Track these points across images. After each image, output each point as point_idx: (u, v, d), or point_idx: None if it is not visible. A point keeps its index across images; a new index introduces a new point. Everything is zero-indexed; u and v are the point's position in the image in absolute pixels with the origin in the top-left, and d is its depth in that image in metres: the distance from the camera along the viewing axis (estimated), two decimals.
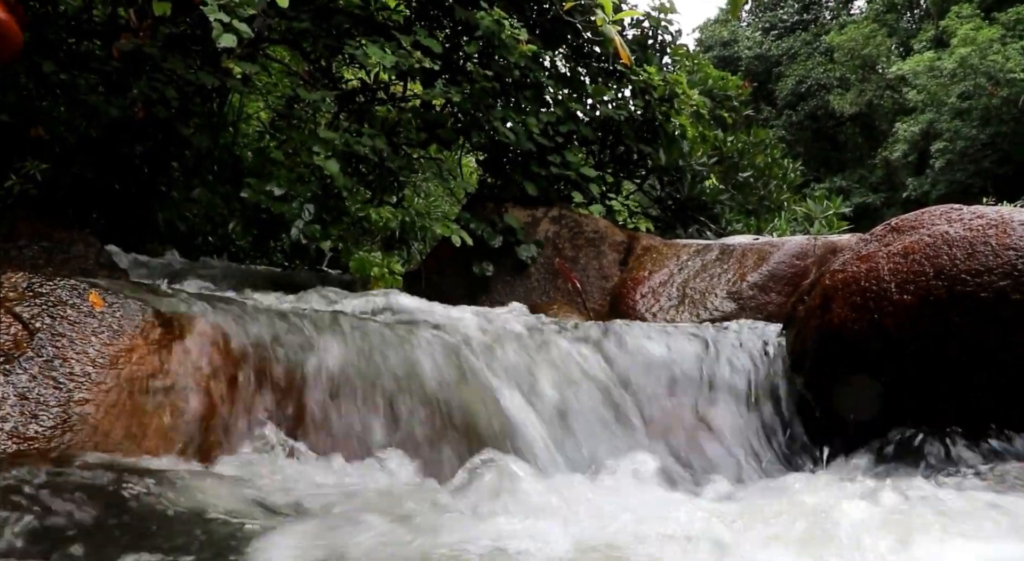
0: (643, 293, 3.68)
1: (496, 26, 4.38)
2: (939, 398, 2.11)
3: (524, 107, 4.82)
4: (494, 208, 4.49)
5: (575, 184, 5.05)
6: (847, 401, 2.27)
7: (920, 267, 2.12)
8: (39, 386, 1.50)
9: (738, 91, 6.45)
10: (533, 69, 4.81)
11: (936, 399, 2.12)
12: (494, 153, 5.03)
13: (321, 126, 5.46)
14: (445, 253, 4.45)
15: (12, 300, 1.62)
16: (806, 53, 29.27)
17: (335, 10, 5.01)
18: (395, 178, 5.18)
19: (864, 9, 31.12)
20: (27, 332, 1.57)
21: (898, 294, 2.13)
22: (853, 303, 2.23)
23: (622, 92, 5.58)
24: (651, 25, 5.76)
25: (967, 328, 2.02)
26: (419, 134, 5.07)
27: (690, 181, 5.75)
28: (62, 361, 1.56)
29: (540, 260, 4.31)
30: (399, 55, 4.12)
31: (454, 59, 5.07)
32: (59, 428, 1.47)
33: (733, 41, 30.17)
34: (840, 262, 2.42)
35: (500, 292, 4.24)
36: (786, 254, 3.56)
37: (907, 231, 2.30)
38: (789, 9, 31.11)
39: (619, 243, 4.33)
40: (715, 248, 3.83)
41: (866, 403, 2.22)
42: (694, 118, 5.67)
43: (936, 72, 22.76)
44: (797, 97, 28.69)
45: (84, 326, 1.63)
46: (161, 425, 1.54)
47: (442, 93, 4.43)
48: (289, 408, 1.68)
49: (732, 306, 3.43)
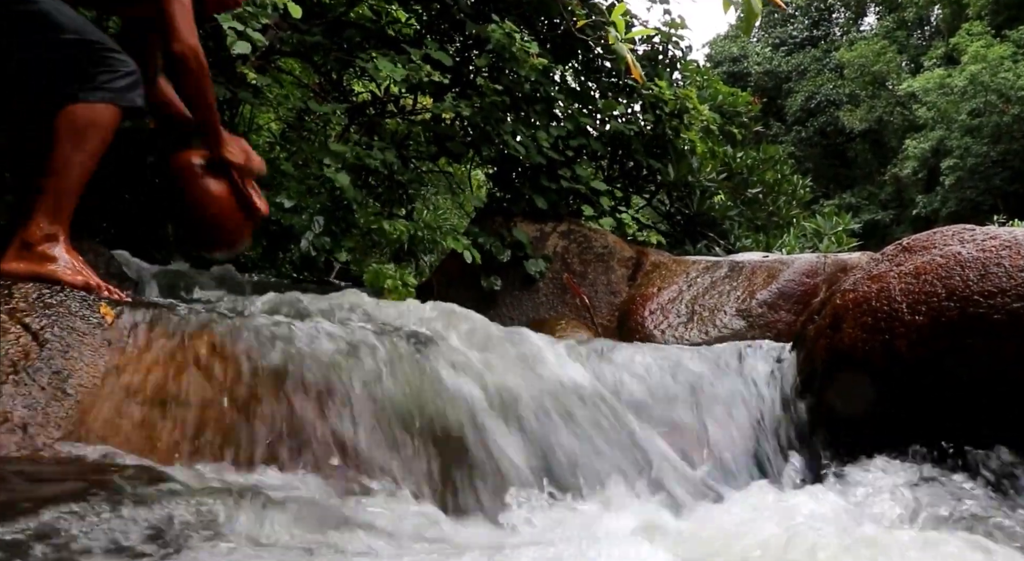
0: (652, 310, 3.67)
1: (507, 40, 4.39)
2: (950, 419, 2.09)
3: (534, 121, 4.83)
4: (503, 222, 4.49)
5: (585, 198, 5.05)
6: (857, 421, 2.25)
7: (932, 288, 2.10)
8: (47, 397, 1.50)
9: (748, 107, 6.45)
10: (543, 83, 4.82)
11: (947, 420, 2.10)
12: (504, 166, 5.04)
13: (331, 138, 5.48)
14: (454, 266, 4.45)
15: (23, 311, 1.62)
16: (816, 69, 29.30)
17: (347, 23, 5.04)
18: (405, 191, 5.19)
19: (874, 26, 31.18)
20: (37, 343, 1.57)
21: (909, 315, 2.12)
22: (864, 323, 2.22)
23: (632, 107, 5.59)
24: (662, 41, 5.78)
25: (980, 350, 2.01)
26: (429, 147, 5.08)
27: (699, 197, 5.74)
28: (71, 372, 1.56)
29: (548, 275, 4.31)
30: (409, 68, 4.14)
31: (464, 73, 5.09)
32: (66, 439, 1.47)
33: (743, 57, 30.23)
34: (851, 282, 2.41)
35: (508, 306, 4.23)
36: (796, 272, 3.55)
37: (919, 251, 2.29)
38: (799, 25, 31.19)
39: (628, 259, 4.33)
40: (724, 265, 3.82)
41: (877, 423, 2.21)
42: (704, 134, 5.67)
43: (946, 89, 22.73)
44: (807, 113, 28.70)
45: (93, 338, 1.64)
46: (169, 438, 1.54)
47: (452, 106, 4.45)
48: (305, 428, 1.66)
49: (741, 324, 3.42)
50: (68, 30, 1.93)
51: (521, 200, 4.70)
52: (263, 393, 1.66)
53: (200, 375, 1.64)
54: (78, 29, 1.96)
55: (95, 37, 1.99)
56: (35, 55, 1.92)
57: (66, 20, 1.95)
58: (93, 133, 1.92)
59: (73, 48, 1.93)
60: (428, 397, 1.80)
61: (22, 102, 2.01)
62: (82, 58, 1.93)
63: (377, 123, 5.06)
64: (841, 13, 32.60)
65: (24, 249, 1.81)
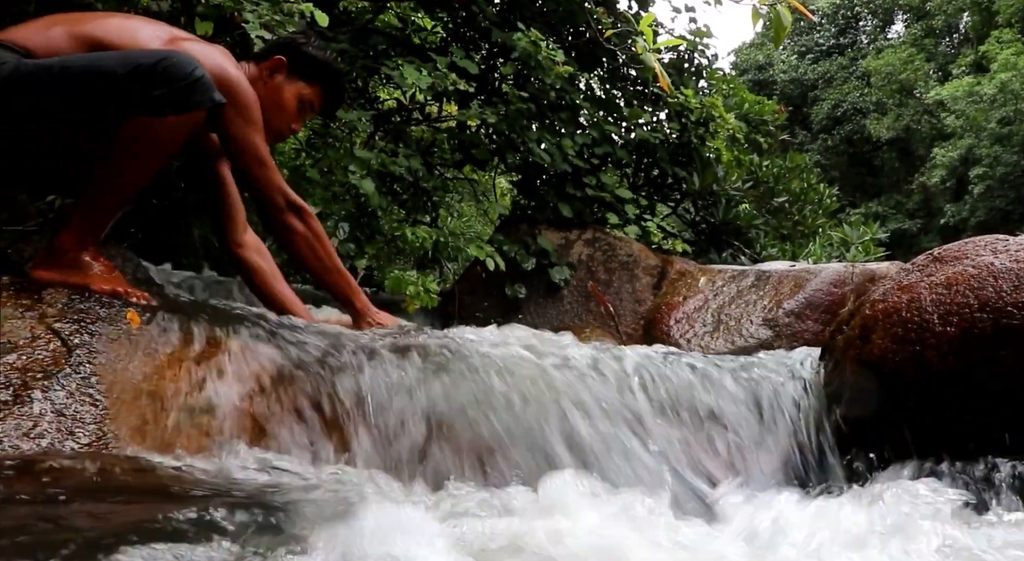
0: (677, 319, 3.64)
1: (532, 47, 4.39)
2: (982, 431, 2.06)
3: (559, 128, 4.82)
4: (527, 230, 4.48)
5: (610, 206, 5.03)
6: (886, 433, 2.22)
7: (964, 299, 2.07)
8: (76, 403, 1.51)
9: (774, 116, 6.41)
10: (569, 91, 4.81)
11: (979, 432, 2.07)
12: (528, 174, 5.04)
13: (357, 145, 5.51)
14: (478, 274, 4.45)
15: (52, 316, 1.63)
16: (842, 77, 29.08)
17: (373, 31, 5.07)
18: (429, 198, 5.20)
19: (902, 34, 30.90)
20: (65, 349, 1.58)
21: (941, 326, 2.08)
22: (894, 334, 2.18)
23: (657, 115, 5.57)
24: (687, 49, 5.76)
25: (1012, 362, 1.97)
26: (454, 154, 5.09)
27: (725, 205, 5.71)
28: (99, 378, 1.57)
29: (573, 283, 4.30)
30: (435, 76, 4.15)
31: (490, 80, 5.09)
32: (94, 445, 1.48)
33: (768, 65, 30.07)
34: (880, 292, 2.37)
35: (532, 314, 4.22)
36: (823, 282, 3.51)
37: (950, 261, 2.25)
38: (825, 33, 30.96)
39: (653, 267, 4.30)
40: (751, 274, 3.79)
41: (906, 435, 2.18)
42: (730, 142, 5.64)
43: (976, 97, 22.48)
44: (833, 121, 28.48)
45: (121, 344, 1.65)
46: (197, 445, 1.54)
47: (477, 114, 4.45)
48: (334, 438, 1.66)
49: (768, 333, 3.39)
50: (120, 67, 1.85)
51: (546, 208, 4.69)
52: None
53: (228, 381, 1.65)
54: (125, 63, 1.87)
55: (147, 58, 1.89)
56: (93, 65, 1.86)
57: (115, 63, 1.86)
58: (146, 147, 1.85)
59: (134, 83, 1.83)
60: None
61: (74, 112, 1.96)
62: (141, 69, 1.84)
63: (402, 130, 5.08)
64: (868, 21, 32.34)
65: (54, 256, 1.82)
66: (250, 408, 1.64)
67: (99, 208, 1.88)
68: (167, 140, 1.87)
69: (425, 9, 5.47)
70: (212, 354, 1.70)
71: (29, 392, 1.48)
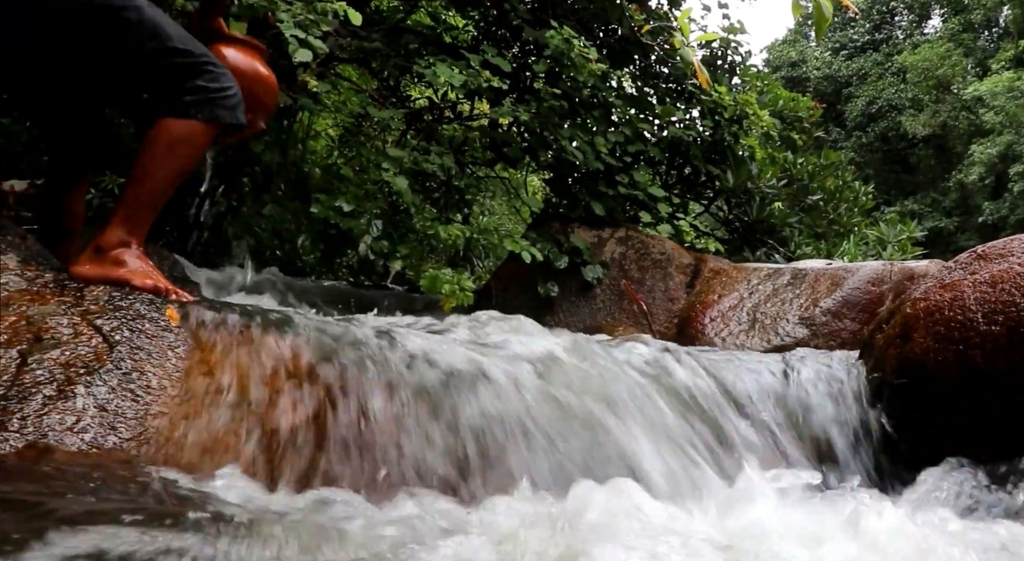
0: (712, 317, 3.61)
1: (565, 45, 4.37)
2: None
3: (592, 126, 4.80)
4: (560, 228, 4.47)
5: (642, 204, 5.00)
6: (930, 432, 2.18)
7: (1010, 297, 2.03)
8: (117, 398, 1.52)
9: (810, 113, 6.33)
10: (601, 88, 4.79)
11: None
12: (560, 172, 5.02)
13: (389, 143, 5.53)
14: (510, 272, 4.44)
15: (94, 313, 1.65)
16: (877, 73, 28.69)
17: (405, 29, 5.09)
18: (462, 196, 5.21)
19: (939, 29, 30.41)
20: (107, 345, 1.60)
21: (985, 325, 2.05)
22: (936, 333, 2.15)
23: (690, 112, 5.53)
24: (721, 46, 5.71)
25: None
26: (486, 152, 5.09)
27: (758, 203, 5.64)
28: (139, 374, 1.58)
29: (606, 281, 4.28)
30: (467, 74, 4.15)
31: (522, 78, 5.08)
32: (135, 440, 1.49)
33: (801, 61, 29.76)
34: (922, 290, 2.34)
35: (565, 312, 4.21)
36: (861, 280, 3.46)
37: (995, 259, 2.21)
38: (860, 29, 30.56)
39: (686, 265, 4.27)
40: (787, 272, 3.74)
41: (950, 435, 2.14)
42: (763, 139, 5.58)
43: (1016, 93, 22.09)
44: (867, 118, 28.12)
45: (161, 339, 1.66)
46: (233, 442, 1.55)
47: (510, 112, 4.44)
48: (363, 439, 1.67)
49: (804, 332, 3.35)
50: (176, 40, 1.90)
51: (578, 206, 4.67)
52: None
53: (266, 379, 1.66)
54: (184, 40, 1.93)
55: (200, 50, 1.95)
56: (140, 64, 1.89)
57: (173, 31, 1.92)
58: (184, 149, 1.89)
59: (180, 58, 1.89)
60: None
61: (113, 109, 1.99)
62: (187, 71, 1.89)
63: (434, 128, 5.08)
64: (904, 16, 31.87)
65: (97, 254, 1.84)
66: (286, 409, 1.65)
67: (139, 206, 1.90)
68: (202, 143, 1.93)
69: (457, 7, 5.48)
70: (250, 352, 1.70)
71: (72, 387, 1.49)
